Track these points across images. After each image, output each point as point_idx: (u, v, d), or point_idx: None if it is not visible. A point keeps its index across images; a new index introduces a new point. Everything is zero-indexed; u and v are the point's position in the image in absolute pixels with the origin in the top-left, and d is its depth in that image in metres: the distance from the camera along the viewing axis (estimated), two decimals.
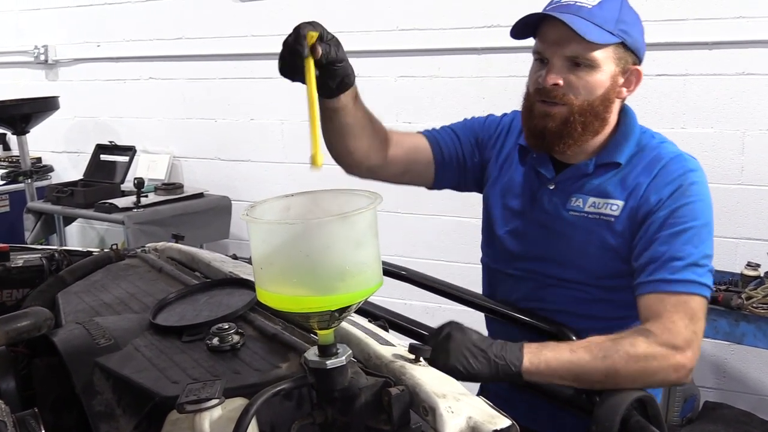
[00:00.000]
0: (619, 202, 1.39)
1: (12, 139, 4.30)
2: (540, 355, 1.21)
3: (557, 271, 1.44)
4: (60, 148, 4.32)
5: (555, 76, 1.36)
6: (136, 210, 3.40)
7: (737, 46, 2.60)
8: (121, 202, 3.45)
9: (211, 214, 3.63)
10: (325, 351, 0.85)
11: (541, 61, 1.40)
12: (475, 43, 3.04)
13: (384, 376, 0.89)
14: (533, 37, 1.41)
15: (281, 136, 3.57)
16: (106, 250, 1.59)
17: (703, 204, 1.35)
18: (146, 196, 3.52)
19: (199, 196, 3.70)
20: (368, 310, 1.34)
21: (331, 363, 0.84)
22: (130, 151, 3.82)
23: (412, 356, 0.96)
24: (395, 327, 1.39)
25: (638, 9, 1.42)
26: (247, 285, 1.21)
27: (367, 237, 0.82)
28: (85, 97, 4.14)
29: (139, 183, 3.45)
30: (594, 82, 1.36)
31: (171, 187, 3.67)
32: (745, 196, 2.66)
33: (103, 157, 3.91)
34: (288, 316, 1.05)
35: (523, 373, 1.21)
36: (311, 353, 0.86)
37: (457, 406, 0.85)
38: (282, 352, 1.00)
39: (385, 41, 3.23)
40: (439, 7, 3.10)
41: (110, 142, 3.93)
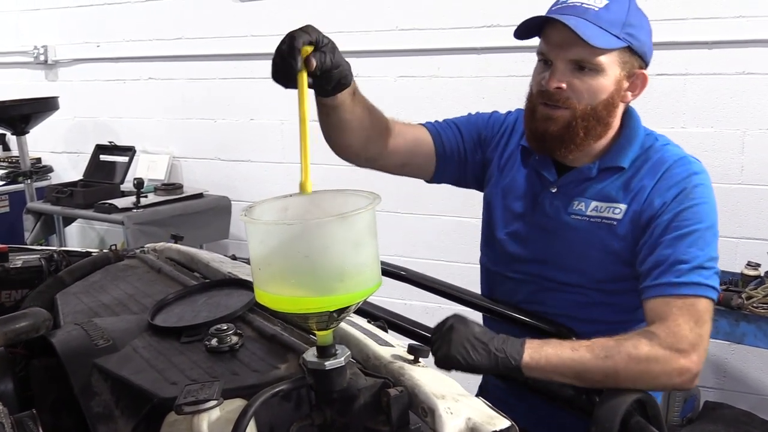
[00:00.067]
0: (622, 206, 1.37)
1: (12, 140, 4.30)
2: (541, 351, 1.21)
3: (558, 275, 1.43)
4: (60, 149, 4.31)
5: (558, 80, 1.34)
6: (135, 210, 3.39)
7: (737, 46, 2.59)
8: (120, 203, 3.44)
9: (211, 215, 3.63)
10: (324, 352, 0.85)
11: (545, 63, 1.38)
12: (474, 43, 3.03)
13: (383, 377, 0.89)
14: (538, 36, 1.38)
15: (281, 137, 3.56)
16: (105, 251, 1.59)
17: (708, 206, 1.33)
18: (146, 197, 3.51)
19: (199, 196, 3.69)
20: (367, 311, 1.34)
21: (330, 364, 0.84)
22: (129, 151, 3.82)
23: (411, 357, 0.95)
24: (394, 327, 1.38)
25: None
26: (246, 285, 1.21)
27: (365, 237, 0.81)
28: (85, 98, 4.13)
29: (139, 183, 3.44)
30: (598, 87, 1.34)
31: (171, 188, 3.66)
32: (745, 196, 2.66)
33: (103, 158, 3.90)
34: (287, 316, 1.04)
35: (522, 368, 1.21)
36: (310, 354, 0.86)
37: (456, 407, 0.85)
38: (281, 353, 1.00)
39: (385, 41, 3.22)
40: (438, 7, 3.10)
41: (110, 143, 3.92)
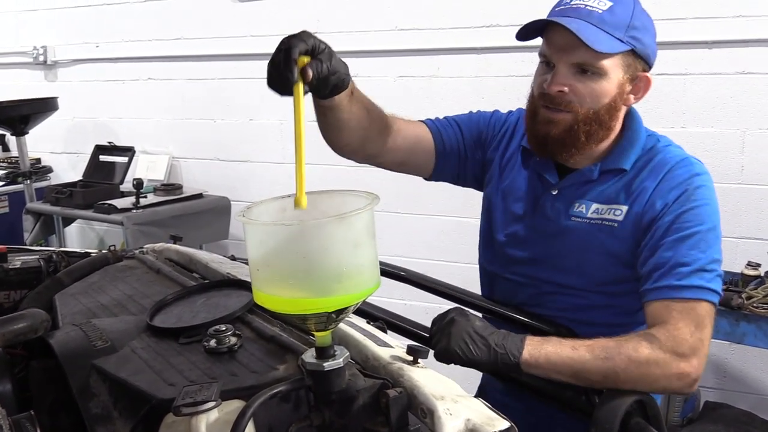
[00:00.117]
0: (623, 208, 1.36)
1: (11, 140, 4.29)
2: (541, 349, 1.21)
3: (558, 277, 1.42)
4: (59, 149, 4.31)
5: (560, 83, 1.32)
6: (135, 211, 3.38)
7: (737, 45, 2.59)
8: (120, 203, 3.44)
9: (211, 215, 3.62)
10: (323, 353, 0.85)
11: (547, 65, 1.36)
12: (474, 42, 3.03)
13: (382, 378, 0.89)
14: (540, 36, 1.36)
15: (280, 137, 3.56)
16: (103, 252, 1.58)
17: (710, 208, 1.31)
18: (145, 197, 3.51)
19: (199, 196, 3.68)
20: (367, 311, 1.34)
21: (329, 365, 0.84)
22: (129, 151, 3.81)
23: (411, 358, 0.95)
24: (394, 328, 1.38)
25: None
26: (245, 286, 1.21)
27: (364, 238, 0.81)
28: (84, 98, 4.13)
29: (138, 184, 3.44)
30: (600, 91, 1.32)
31: (170, 188, 3.66)
32: (745, 196, 2.65)
33: (102, 158, 3.90)
34: (285, 317, 1.04)
35: (521, 365, 1.20)
36: (308, 355, 0.86)
37: (455, 408, 0.85)
38: (279, 353, 1.00)
39: (384, 41, 3.22)
40: (438, 7, 3.09)
41: (109, 143, 3.92)
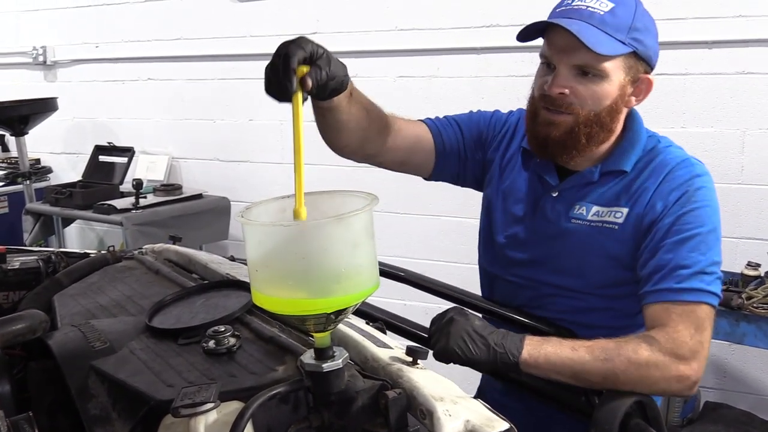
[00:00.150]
0: (624, 210, 1.35)
1: (11, 141, 4.28)
2: (540, 349, 1.21)
3: (557, 280, 1.42)
4: (59, 150, 4.31)
5: (561, 85, 1.31)
6: (134, 211, 3.38)
7: (737, 45, 2.59)
8: (119, 204, 3.43)
9: (210, 215, 3.62)
10: (322, 354, 0.85)
11: (548, 66, 1.35)
12: (474, 43, 3.03)
13: (381, 379, 0.89)
14: (542, 37, 1.35)
15: (280, 137, 3.56)
16: (102, 252, 1.58)
17: (710, 209, 1.31)
18: (145, 197, 3.50)
19: (198, 197, 3.68)
20: (366, 312, 1.34)
21: (328, 366, 0.84)
22: (128, 152, 3.81)
23: (410, 359, 0.95)
24: (393, 329, 1.38)
25: None
26: (244, 287, 1.20)
27: (363, 238, 0.81)
28: (84, 98, 4.13)
29: (138, 184, 3.43)
30: (601, 93, 1.31)
31: (170, 188, 3.66)
32: (745, 196, 2.65)
33: (102, 158, 3.89)
34: (284, 318, 1.04)
35: (520, 365, 1.20)
36: (307, 356, 0.86)
37: (454, 410, 0.85)
38: (278, 354, 0.99)
39: (384, 41, 3.21)
40: (438, 7, 3.09)
41: (109, 143, 3.91)
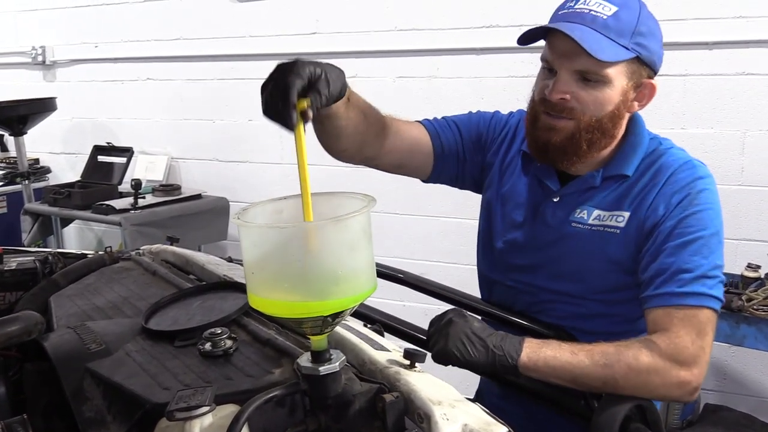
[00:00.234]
0: (625, 214, 1.34)
1: (9, 141, 4.28)
2: (539, 352, 1.20)
3: (556, 285, 1.40)
4: (58, 150, 4.30)
5: (562, 91, 1.29)
6: (133, 211, 3.37)
7: (737, 46, 2.58)
8: (118, 204, 3.42)
9: (209, 216, 3.61)
10: (318, 357, 0.84)
11: (549, 70, 1.33)
12: (473, 43, 3.02)
13: (378, 383, 0.88)
14: (543, 39, 1.34)
15: (279, 137, 3.55)
16: (100, 253, 1.57)
17: (713, 212, 1.29)
18: (143, 198, 3.50)
19: (197, 197, 3.67)
20: (364, 313, 1.33)
21: (324, 369, 0.83)
22: (127, 152, 3.80)
23: (408, 362, 0.94)
24: (391, 330, 1.37)
25: None
26: (241, 288, 1.19)
27: (360, 241, 0.80)
28: (83, 98, 4.12)
29: (137, 184, 3.42)
30: (603, 98, 1.30)
31: (169, 189, 3.65)
32: (745, 197, 2.64)
33: (101, 159, 3.89)
34: (281, 321, 1.03)
35: (519, 367, 1.19)
36: (304, 359, 0.85)
37: (452, 413, 0.84)
38: (275, 357, 0.99)
39: (384, 41, 3.21)
40: (437, 8, 3.08)
41: (108, 143, 3.91)
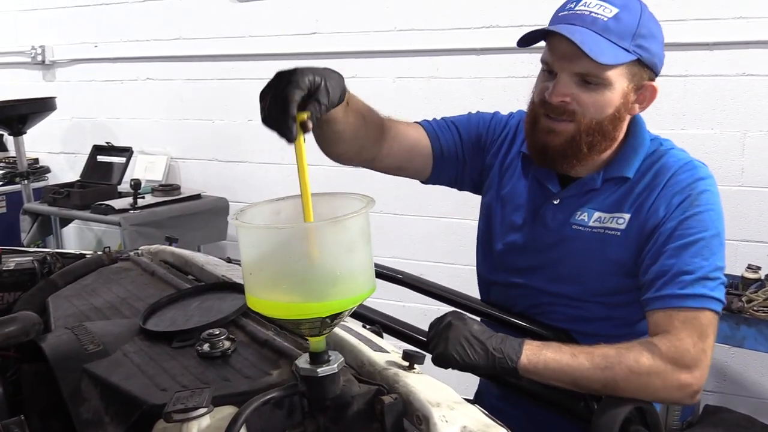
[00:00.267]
0: (626, 216, 1.33)
1: (9, 140, 4.27)
2: (540, 355, 1.19)
3: (556, 287, 1.40)
4: (57, 149, 4.29)
5: (562, 93, 1.28)
6: (132, 211, 3.37)
7: (738, 47, 2.58)
8: (117, 204, 3.42)
9: (209, 216, 3.60)
10: (317, 358, 0.83)
11: (550, 72, 1.32)
12: (473, 43, 3.02)
13: (377, 384, 0.88)
14: (544, 40, 1.33)
15: (279, 138, 3.55)
16: (98, 253, 1.57)
17: (714, 213, 1.28)
18: (143, 198, 3.49)
19: (197, 197, 3.67)
20: (363, 314, 1.33)
21: (323, 371, 0.82)
22: (127, 152, 3.80)
23: (407, 363, 0.94)
24: (391, 331, 1.36)
25: None
26: (240, 289, 1.19)
27: (359, 242, 0.80)
28: (83, 98, 4.12)
29: (136, 184, 3.42)
30: (604, 101, 1.29)
31: (168, 189, 3.64)
32: (745, 198, 2.64)
33: (100, 158, 3.88)
34: (279, 322, 1.03)
35: (519, 370, 1.18)
36: (302, 360, 0.85)
37: (451, 415, 0.83)
38: (273, 358, 0.98)
39: (383, 42, 3.20)
40: (437, 8, 3.08)
41: (107, 143, 3.90)
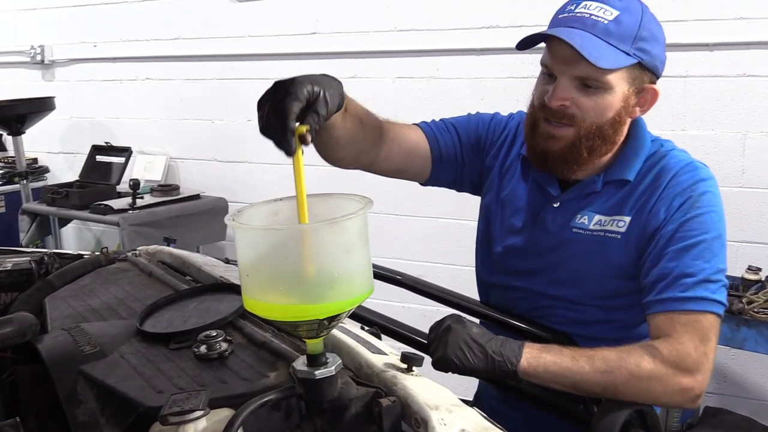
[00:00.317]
0: (626, 218, 1.32)
1: (8, 140, 4.27)
2: (540, 358, 1.18)
3: (555, 290, 1.39)
4: (56, 149, 4.29)
5: (562, 97, 1.27)
6: (131, 212, 3.36)
7: (738, 48, 2.57)
8: (116, 204, 3.41)
9: (208, 216, 3.59)
10: (314, 361, 0.83)
11: (549, 76, 1.31)
12: (473, 43, 3.01)
13: (375, 387, 0.87)
14: (544, 42, 1.31)
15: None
16: (96, 254, 1.56)
17: (715, 215, 1.27)
18: (142, 198, 3.48)
19: (196, 197, 3.66)
20: (362, 315, 1.32)
21: (320, 373, 0.82)
22: (126, 152, 3.79)
23: (405, 366, 0.93)
24: (390, 333, 1.36)
25: None
26: (237, 290, 1.17)
27: (356, 243, 0.79)
28: (82, 98, 4.11)
29: (135, 184, 3.41)
30: (604, 105, 1.27)
31: (167, 189, 3.64)
32: (746, 199, 2.63)
33: (99, 158, 3.88)
34: (276, 324, 1.02)
35: (519, 373, 1.18)
36: (300, 363, 0.84)
37: (449, 418, 0.83)
38: (271, 360, 0.98)
39: (383, 42, 3.20)
40: (437, 8, 3.08)
41: (106, 143, 3.90)
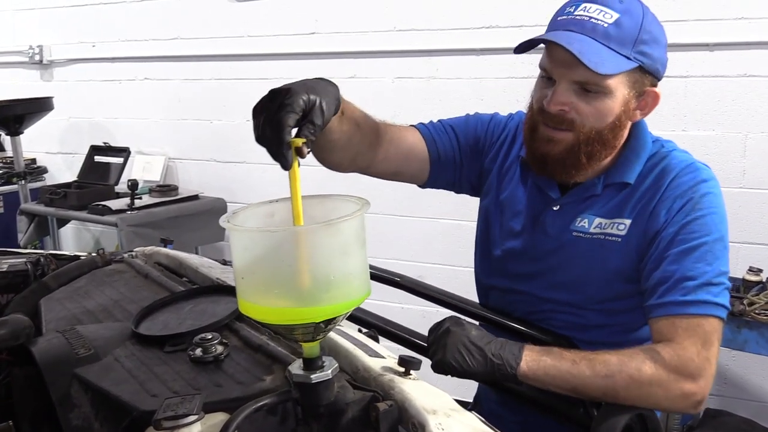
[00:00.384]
0: (627, 221, 1.30)
1: (6, 140, 4.26)
2: (540, 361, 1.17)
3: (555, 294, 1.37)
4: (54, 149, 4.28)
5: (561, 102, 1.25)
6: (129, 212, 3.35)
7: (739, 48, 2.56)
8: (114, 204, 3.40)
9: (207, 217, 3.58)
10: (310, 364, 0.82)
11: (549, 79, 1.29)
12: (473, 44, 3.00)
13: (372, 391, 0.86)
14: (543, 44, 1.29)
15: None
16: (92, 255, 1.55)
17: (717, 217, 1.25)
18: (140, 198, 3.48)
19: (194, 198, 3.65)
20: (360, 317, 1.31)
21: (316, 377, 0.81)
22: (124, 152, 3.79)
23: (402, 369, 0.92)
24: (388, 335, 1.35)
25: None
26: (233, 292, 1.17)
27: (353, 245, 0.78)
28: (80, 98, 4.10)
29: (133, 185, 3.40)
30: (604, 109, 1.25)
31: (166, 189, 3.63)
32: (747, 200, 2.62)
33: (98, 159, 3.87)
34: (272, 327, 1.01)
35: (519, 377, 1.17)
36: (296, 366, 0.83)
37: (447, 423, 0.82)
38: (267, 364, 0.97)
39: (383, 42, 3.19)
40: (436, 8, 3.06)
41: (105, 143, 3.89)
